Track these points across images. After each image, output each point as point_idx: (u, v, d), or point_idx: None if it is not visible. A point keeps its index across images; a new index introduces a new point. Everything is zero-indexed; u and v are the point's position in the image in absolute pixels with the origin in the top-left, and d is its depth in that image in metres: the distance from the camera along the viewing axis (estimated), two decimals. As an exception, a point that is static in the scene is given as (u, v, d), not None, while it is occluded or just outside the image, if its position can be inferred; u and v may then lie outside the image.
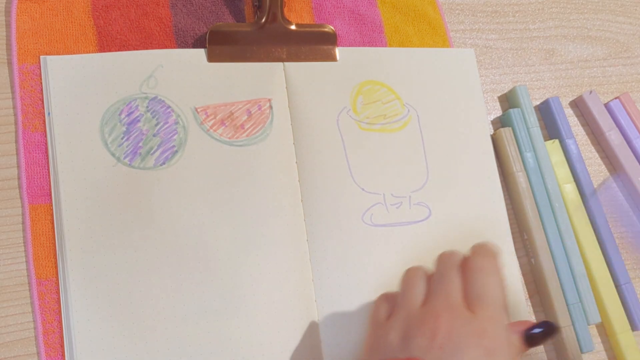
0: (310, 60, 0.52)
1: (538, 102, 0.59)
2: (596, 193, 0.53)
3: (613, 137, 0.57)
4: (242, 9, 0.52)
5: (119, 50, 0.48)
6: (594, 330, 0.53)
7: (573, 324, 0.51)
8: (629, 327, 0.52)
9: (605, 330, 0.53)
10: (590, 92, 0.58)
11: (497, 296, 0.37)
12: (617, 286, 0.53)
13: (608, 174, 0.57)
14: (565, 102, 0.60)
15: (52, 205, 0.44)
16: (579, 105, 0.59)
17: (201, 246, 0.45)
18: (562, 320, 0.50)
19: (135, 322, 0.43)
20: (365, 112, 0.52)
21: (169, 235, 0.45)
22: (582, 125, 0.60)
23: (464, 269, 0.39)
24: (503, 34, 0.60)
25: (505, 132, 0.54)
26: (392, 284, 0.48)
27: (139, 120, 0.46)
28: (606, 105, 0.58)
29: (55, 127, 0.45)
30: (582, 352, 0.50)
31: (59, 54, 0.47)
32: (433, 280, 0.39)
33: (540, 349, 0.51)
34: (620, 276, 0.53)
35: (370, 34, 0.55)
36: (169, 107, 0.47)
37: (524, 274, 0.52)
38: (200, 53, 0.49)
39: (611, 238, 0.54)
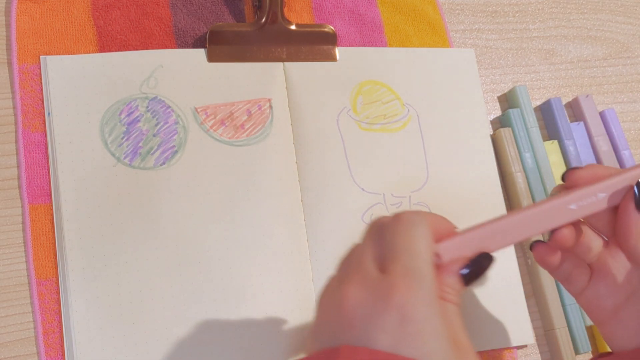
0: (310, 60, 0.52)
1: (538, 102, 0.59)
2: None
3: (601, 143, 0.57)
4: (242, 9, 0.52)
5: (119, 50, 0.48)
6: (593, 331, 0.53)
7: (569, 325, 0.51)
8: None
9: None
10: (587, 95, 0.58)
11: (408, 247, 0.30)
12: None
13: None
14: (564, 102, 0.60)
15: (52, 205, 0.44)
16: (573, 107, 0.60)
17: (201, 246, 0.45)
18: (558, 321, 0.50)
19: (135, 322, 0.43)
20: (365, 112, 0.52)
21: (169, 235, 0.45)
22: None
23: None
24: (503, 34, 0.60)
25: (505, 132, 0.54)
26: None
27: (139, 120, 0.46)
28: (601, 113, 0.59)
29: (55, 127, 0.45)
30: (579, 352, 0.50)
31: (59, 54, 0.47)
32: None
33: (534, 349, 0.51)
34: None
35: (370, 34, 0.55)
36: (169, 107, 0.47)
37: (521, 275, 0.52)
38: (200, 53, 0.49)
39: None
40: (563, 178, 0.36)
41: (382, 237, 0.31)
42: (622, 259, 0.35)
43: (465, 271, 0.31)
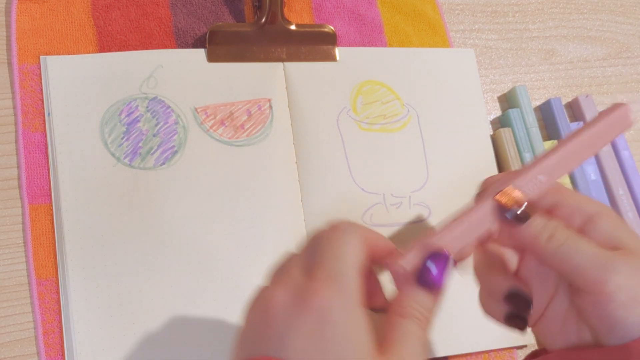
0: (310, 60, 0.52)
1: (538, 102, 0.59)
2: None
3: None
4: (242, 9, 0.52)
5: (119, 50, 0.48)
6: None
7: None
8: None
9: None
10: (587, 96, 0.58)
11: (333, 252, 0.29)
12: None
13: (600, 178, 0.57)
14: (564, 102, 0.60)
15: (52, 205, 0.44)
16: (573, 107, 0.60)
17: (201, 246, 0.45)
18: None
19: (135, 322, 0.43)
20: (365, 112, 0.52)
21: (169, 235, 0.45)
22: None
23: None
24: (503, 34, 0.60)
25: (505, 133, 0.54)
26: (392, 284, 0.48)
27: (138, 121, 0.46)
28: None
29: (55, 127, 0.45)
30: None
31: (59, 54, 0.47)
32: None
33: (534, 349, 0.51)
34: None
35: (370, 34, 0.55)
36: (169, 107, 0.47)
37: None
38: (200, 53, 0.49)
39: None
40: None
41: (314, 246, 0.31)
42: (536, 261, 0.34)
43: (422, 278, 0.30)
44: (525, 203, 0.32)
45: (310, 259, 0.30)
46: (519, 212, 0.32)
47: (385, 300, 0.33)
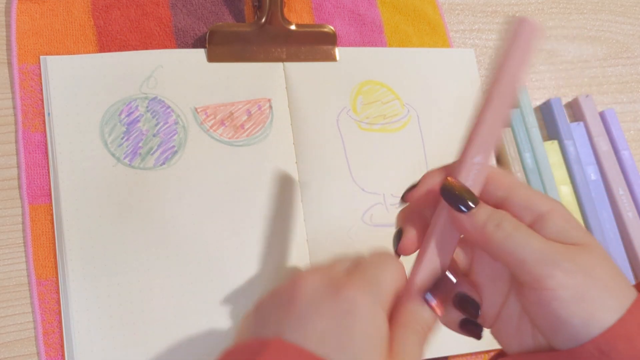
0: (310, 60, 0.52)
1: (538, 102, 0.59)
2: None
3: (601, 143, 0.57)
4: (242, 9, 0.52)
5: (119, 50, 0.48)
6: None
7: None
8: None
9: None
10: (587, 95, 0.58)
11: (373, 266, 0.31)
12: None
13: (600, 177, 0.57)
14: (564, 102, 0.60)
15: (52, 205, 0.44)
16: (573, 107, 0.60)
17: (201, 246, 0.45)
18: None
19: (135, 322, 0.43)
20: (365, 112, 0.52)
21: (168, 235, 0.45)
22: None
23: None
24: (503, 34, 0.60)
25: (505, 133, 0.54)
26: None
27: (139, 121, 0.46)
28: (601, 113, 0.59)
29: (55, 127, 0.45)
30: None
31: (59, 54, 0.47)
32: None
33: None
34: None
35: (370, 34, 0.55)
36: (169, 107, 0.47)
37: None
38: (200, 53, 0.49)
39: (604, 242, 0.54)
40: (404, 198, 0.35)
41: (360, 259, 0.32)
42: (488, 259, 0.33)
43: (429, 296, 0.31)
44: (460, 186, 0.31)
45: (354, 267, 0.31)
46: (459, 197, 0.31)
47: None
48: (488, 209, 0.31)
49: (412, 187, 0.35)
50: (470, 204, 0.31)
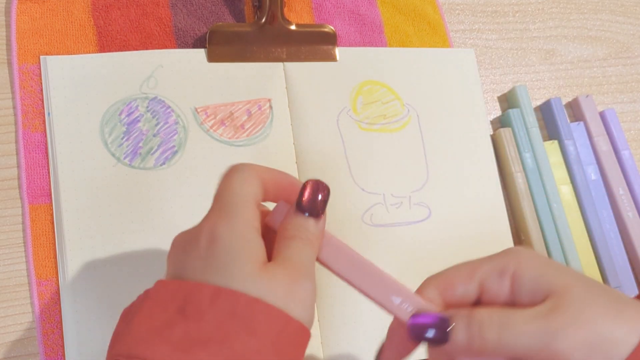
0: (310, 60, 0.52)
1: (538, 102, 0.59)
2: None
3: (601, 143, 0.57)
4: (242, 9, 0.52)
5: (119, 50, 0.48)
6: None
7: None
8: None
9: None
10: (587, 95, 0.58)
11: (226, 187, 0.32)
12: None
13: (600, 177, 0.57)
14: (564, 102, 0.60)
15: (52, 205, 0.44)
16: (573, 107, 0.60)
17: (201, 246, 0.45)
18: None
19: (135, 322, 0.43)
20: (365, 112, 0.52)
21: (168, 235, 0.44)
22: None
23: None
24: (503, 34, 0.60)
25: (505, 133, 0.54)
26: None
27: (139, 121, 0.46)
28: (601, 113, 0.59)
29: (55, 127, 0.45)
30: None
31: (59, 54, 0.47)
32: None
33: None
34: (611, 280, 0.53)
35: (370, 34, 0.55)
36: (169, 107, 0.47)
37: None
38: (200, 53, 0.49)
39: (604, 242, 0.54)
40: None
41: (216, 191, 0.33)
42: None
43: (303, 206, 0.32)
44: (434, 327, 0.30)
45: (213, 202, 0.32)
46: (432, 335, 0.30)
47: None
48: (462, 326, 0.30)
49: (381, 350, 0.34)
50: (446, 333, 0.30)
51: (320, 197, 0.32)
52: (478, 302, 0.32)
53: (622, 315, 0.29)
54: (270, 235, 0.32)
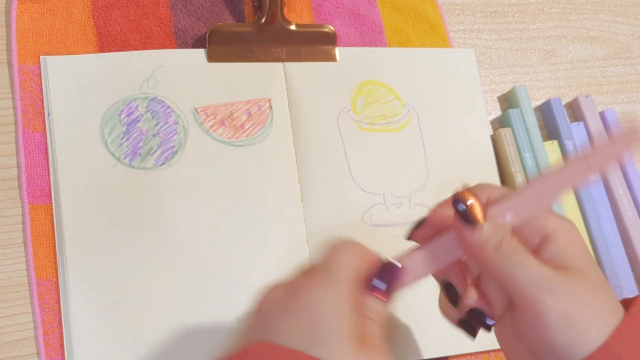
0: (310, 60, 0.52)
1: (538, 103, 0.59)
2: None
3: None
4: (242, 9, 0.52)
5: (119, 50, 0.48)
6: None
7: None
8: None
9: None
10: (587, 96, 0.58)
11: (330, 259, 0.32)
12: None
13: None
14: (564, 102, 0.60)
15: (52, 205, 0.44)
16: (573, 107, 0.60)
17: (201, 246, 0.45)
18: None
19: (135, 322, 0.43)
20: (365, 112, 0.52)
21: (168, 235, 0.45)
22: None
23: None
24: (503, 34, 0.60)
25: (505, 133, 0.54)
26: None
27: (138, 121, 0.46)
28: (601, 113, 0.59)
29: (55, 127, 0.45)
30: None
31: (59, 54, 0.47)
32: None
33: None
34: (611, 280, 0.53)
35: (370, 34, 0.55)
36: (168, 107, 0.47)
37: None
38: (200, 53, 0.49)
39: (604, 242, 0.54)
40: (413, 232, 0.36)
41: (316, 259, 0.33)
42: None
43: (375, 282, 0.32)
44: (472, 201, 0.32)
45: (312, 265, 0.32)
46: (466, 209, 0.32)
47: None
48: (492, 227, 0.31)
49: (420, 224, 0.35)
50: (477, 218, 0.31)
51: (389, 280, 0.32)
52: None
53: (607, 316, 0.30)
54: None
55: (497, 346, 0.49)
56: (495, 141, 0.55)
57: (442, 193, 0.51)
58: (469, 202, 0.32)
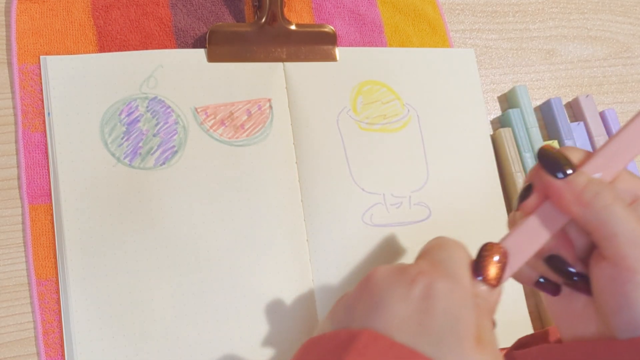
0: (310, 60, 0.52)
1: (538, 102, 0.59)
2: None
3: (601, 143, 0.57)
4: (242, 9, 0.52)
5: (119, 50, 0.48)
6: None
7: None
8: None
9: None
10: (587, 95, 0.58)
11: (443, 251, 0.30)
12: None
13: None
14: (564, 102, 0.60)
15: (52, 205, 0.44)
16: (573, 107, 0.60)
17: (201, 246, 0.45)
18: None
19: (135, 322, 0.43)
20: (365, 112, 0.52)
21: (168, 235, 0.45)
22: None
23: None
24: (503, 34, 0.60)
25: (505, 133, 0.54)
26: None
27: (139, 121, 0.46)
28: (601, 113, 0.59)
29: (55, 127, 0.45)
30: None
31: (59, 54, 0.47)
32: None
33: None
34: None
35: (370, 34, 0.55)
36: (169, 107, 0.47)
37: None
38: (200, 53, 0.49)
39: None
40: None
41: (421, 254, 0.31)
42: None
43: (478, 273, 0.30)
44: (563, 153, 0.31)
45: (420, 257, 0.30)
46: (559, 163, 0.31)
47: None
48: (587, 176, 0.31)
49: (525, 193, 0.33)
50: (568, 170, 0.31)
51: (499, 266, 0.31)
52: None
53: None
54: None
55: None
56: (495, 141, 0.55)
57: (442, 193, 0.52)
58: (558, 154, 0.31)
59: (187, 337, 0.43)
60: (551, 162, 0.31)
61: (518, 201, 0.34)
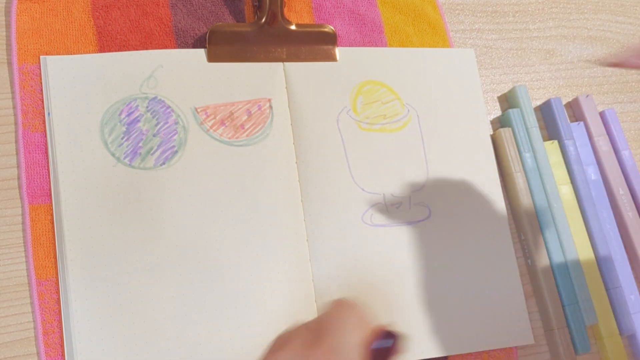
0: (310, 60, 0.52)
1: (538, 102, 0.59)
2: None
3: (601, 143, 0.57)
4: (242, 9, 0.52)
5: (119, 50, 0.48)
6: (593, 331, 0.53)
7: (569, 325, 0.51)
8: (617, 331, 0.52)
9: (594, 333, 0.53)
10: (587, 95, 0.58)
11: (338, 327, 0.32)
12: (607, 290, 0.53)
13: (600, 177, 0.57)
14: (564, 102, 0.60)
15: (52, 205, 0.44)
16: (573, 107, 0.60)
17: (201, 246, 0.45)
18: (557, 321, 0.50)
19: (135, 322, 0.43)
20: (365, 112, 0.52)
21: (168, 235, 0.45)
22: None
23: None
24: (503, 34, 0.60)
25: (505, 133, 0.54)
26: (392, 284, 0.48)
27: (139, 121, 0.46)
28: (601, 113, 0.59)
29: (55, 127, 0.45)
30: (579, 352, 0.50)
31: (59, 54, 0.47)
32: None
33: (534, 349, 0.51)
34: (611, 280, 0.53)
35: (370, 34, 0.55)
36: (169, 107, 0.47)
37: (520, 275, 0.52)
38: (200, 53, 0.49)
39: (604, 243, 0.54)
40: None
41: (318, 322, 0.32)
42: None
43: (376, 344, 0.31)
44: None
45: (314, 333, 0.31)
46: None
47: None
48: None
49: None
50: None
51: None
52: None
53: None
54: None
55: (497, 346, 0.49)
56: (495, 141, 0.55)
57: (442, 193, 0.52)
58: None
59: (187, 337, 0.43)
60: None
61: None
